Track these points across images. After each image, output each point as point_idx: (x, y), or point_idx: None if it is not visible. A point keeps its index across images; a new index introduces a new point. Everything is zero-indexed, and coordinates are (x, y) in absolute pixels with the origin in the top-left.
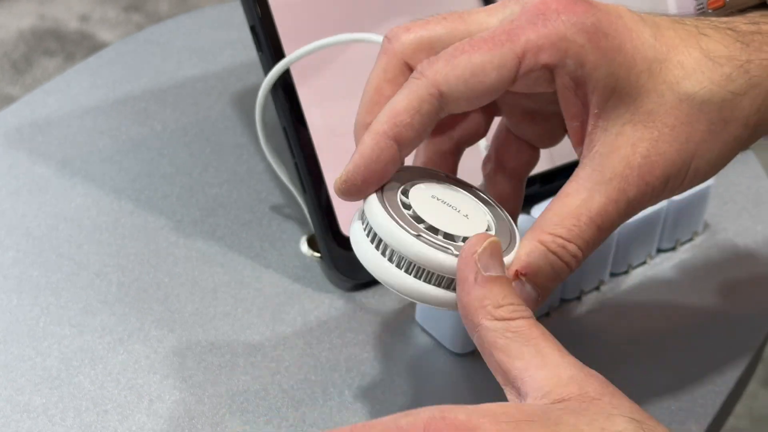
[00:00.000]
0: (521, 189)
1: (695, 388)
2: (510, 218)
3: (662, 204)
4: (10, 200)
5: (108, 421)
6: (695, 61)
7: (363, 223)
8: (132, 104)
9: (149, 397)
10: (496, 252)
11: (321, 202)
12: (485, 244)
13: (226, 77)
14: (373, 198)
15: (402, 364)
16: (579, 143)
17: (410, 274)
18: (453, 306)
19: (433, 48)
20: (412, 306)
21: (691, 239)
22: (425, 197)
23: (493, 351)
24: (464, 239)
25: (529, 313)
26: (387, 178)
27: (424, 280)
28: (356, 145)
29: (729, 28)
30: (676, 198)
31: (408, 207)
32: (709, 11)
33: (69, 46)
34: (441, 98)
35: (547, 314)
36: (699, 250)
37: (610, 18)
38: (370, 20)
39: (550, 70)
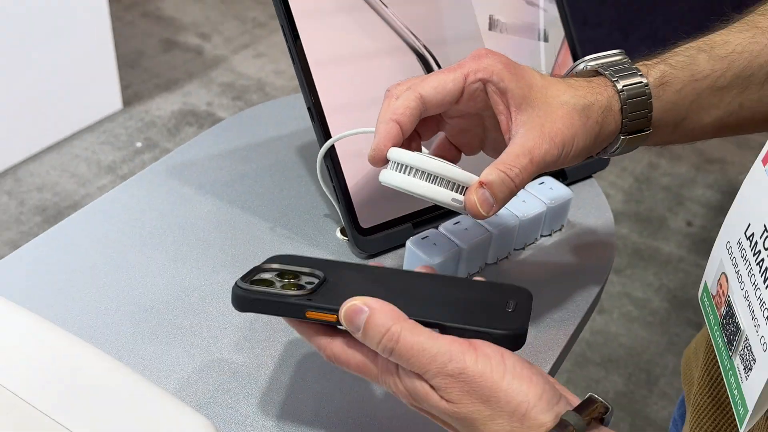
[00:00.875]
0: None
1: (563, 313)
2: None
3: (543, 209)
4: (168, 210)
5: (226, 340)
6: (564, 89)
7: (389, 164)
8: (239, 152)
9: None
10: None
11: (348, 208)
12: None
13: (293, 136)
14: (394, 148)
15: None
16: (506, 131)
17: (420, 179)
18: (445, 199)
19: None
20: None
21: (559, 229)
22: (425, 154)
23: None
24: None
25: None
26: (396, 143)
27: (429, 181)
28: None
29: (582, 78)
30: (551, 205)
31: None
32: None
33: (200, 119)
34: (421, 99)
35: (478, 272)
36: (564, 235)
37: (515, 62)
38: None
39: (483, 83)
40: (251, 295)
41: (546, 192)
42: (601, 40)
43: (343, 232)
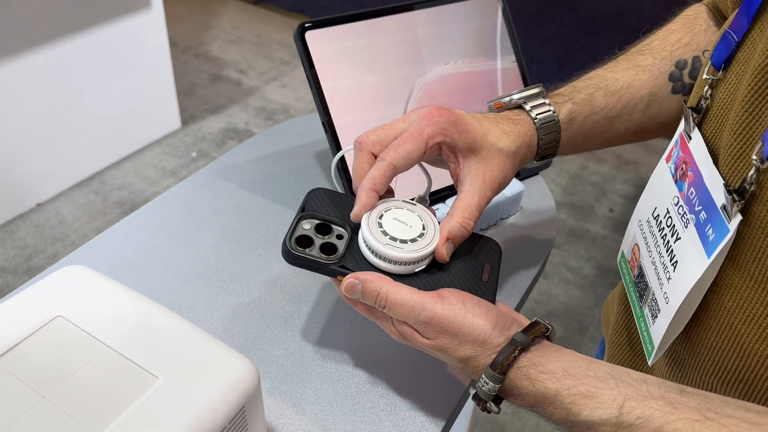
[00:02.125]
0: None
1: (520, 272)
2: (434, 217)
3: (503, 197)
4: (216, 202)
5: (262, 300)
6: (498, 135)
7: (362, 240)
8: (269, 158)
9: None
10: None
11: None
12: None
13: (311, 145)
14: (365, 226)
15: None
16: (455, 174)
17: (382, 260)
18: (400, 272)
19: (381, 143)
20: None
21: (514, 213)
22: (389, 219)
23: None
24: (410, 240)
25: (385, 293)
26: (373, 206)
27: (387, 262)
28: (356, 195)
29: (509, 118)
30: (508, 194)
31: (381, 226)
32: (494, 110)
33: (240, 135)
34: (393, 167)
35: None
36: (518, 218)
37: (461, 116)
38: (384, 113)
39: (439, 144)
40: (297, 256)
41: None
42: (542, 72)
43: None
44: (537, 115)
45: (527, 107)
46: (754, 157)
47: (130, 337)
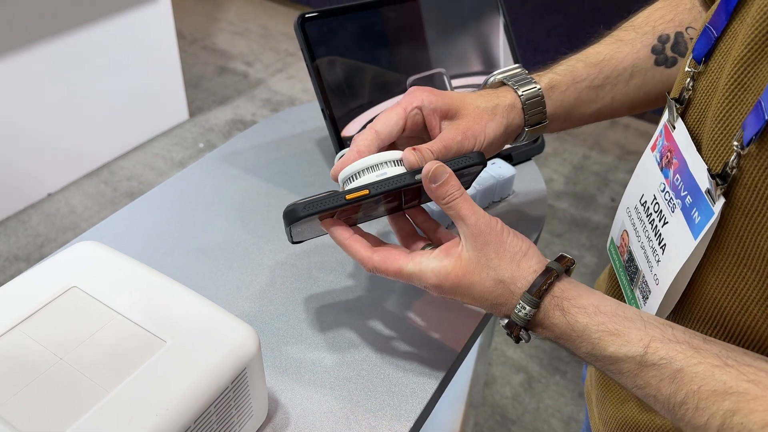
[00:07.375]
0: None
1: None
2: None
3: (495, 180)
4: (222, 185)
5: (264, 277)
6: (476, 97)
7: (345, 180)
8: (272, 144)
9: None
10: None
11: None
12: (433, 168)
13: (312, 132)
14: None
15: None
16: (436, 135)
17: (370, 173)
18: (396, 171)
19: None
20: None
21: (507, 197)
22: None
23: (449, 211)
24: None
25: (459, 193)
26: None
27: (376, 171)
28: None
29: (490, 90)
30: (501, 179)
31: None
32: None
33: (247, 126)
34: (376, 133)
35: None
36: (512, 199)
37: (437, 89)
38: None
39: (419, 109)
40: (301, 204)
41: (496, 170)
42: (547, 62)
43: None
44: (519, 87)
45: (509, 83)
46: (735, 143)
47: (140, 306)
